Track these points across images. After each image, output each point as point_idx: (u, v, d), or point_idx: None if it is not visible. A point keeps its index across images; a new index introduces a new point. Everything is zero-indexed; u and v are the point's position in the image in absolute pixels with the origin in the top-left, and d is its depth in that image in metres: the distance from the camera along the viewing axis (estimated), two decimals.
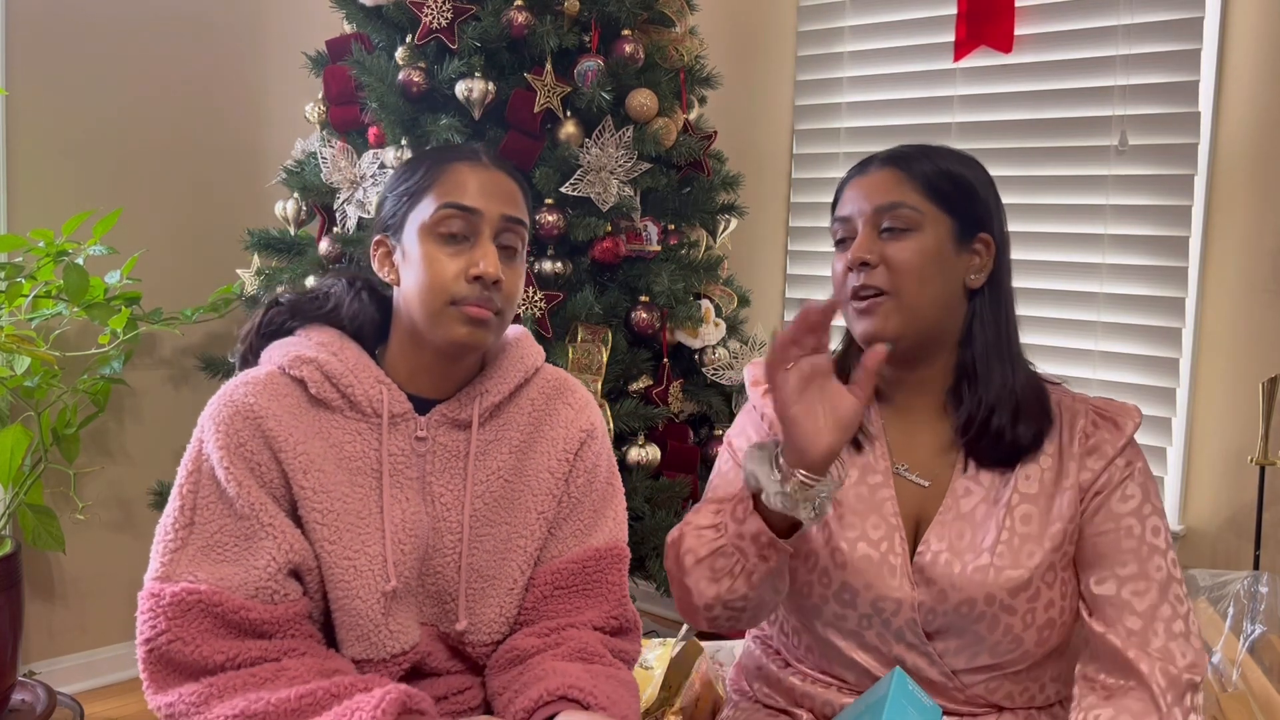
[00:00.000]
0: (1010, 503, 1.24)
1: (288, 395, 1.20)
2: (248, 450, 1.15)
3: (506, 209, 1.20)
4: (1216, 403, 2.32)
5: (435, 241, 1.18)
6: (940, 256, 1.24)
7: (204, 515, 1.15)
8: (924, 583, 1.24)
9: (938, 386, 1.30)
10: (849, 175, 1.31)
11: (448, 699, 1.26)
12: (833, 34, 2.89)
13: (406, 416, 1.23)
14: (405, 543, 1.20)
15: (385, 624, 1.19)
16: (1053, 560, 1.23)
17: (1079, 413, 1.28)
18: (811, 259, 2.97)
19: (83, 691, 2.58)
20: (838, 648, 1.29)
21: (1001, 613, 1.22)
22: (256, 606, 1.12)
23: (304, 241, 2.47)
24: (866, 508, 1.28)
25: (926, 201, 1.24)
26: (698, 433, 2.38)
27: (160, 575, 1.12)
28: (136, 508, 2.69)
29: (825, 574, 1.27)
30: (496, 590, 1.25)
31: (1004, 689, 1.27)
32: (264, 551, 1.14)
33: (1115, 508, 1.24)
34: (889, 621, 1.25)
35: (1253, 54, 2.25)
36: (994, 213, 1.29)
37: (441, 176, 1.20)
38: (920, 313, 1.23)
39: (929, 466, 1.30)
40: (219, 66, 2.77)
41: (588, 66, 2.19)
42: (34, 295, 2.24)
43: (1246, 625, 1.91)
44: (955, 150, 1.31)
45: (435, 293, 1.17)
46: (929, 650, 1.25)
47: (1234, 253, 2.29)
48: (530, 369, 1.30)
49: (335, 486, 1.18)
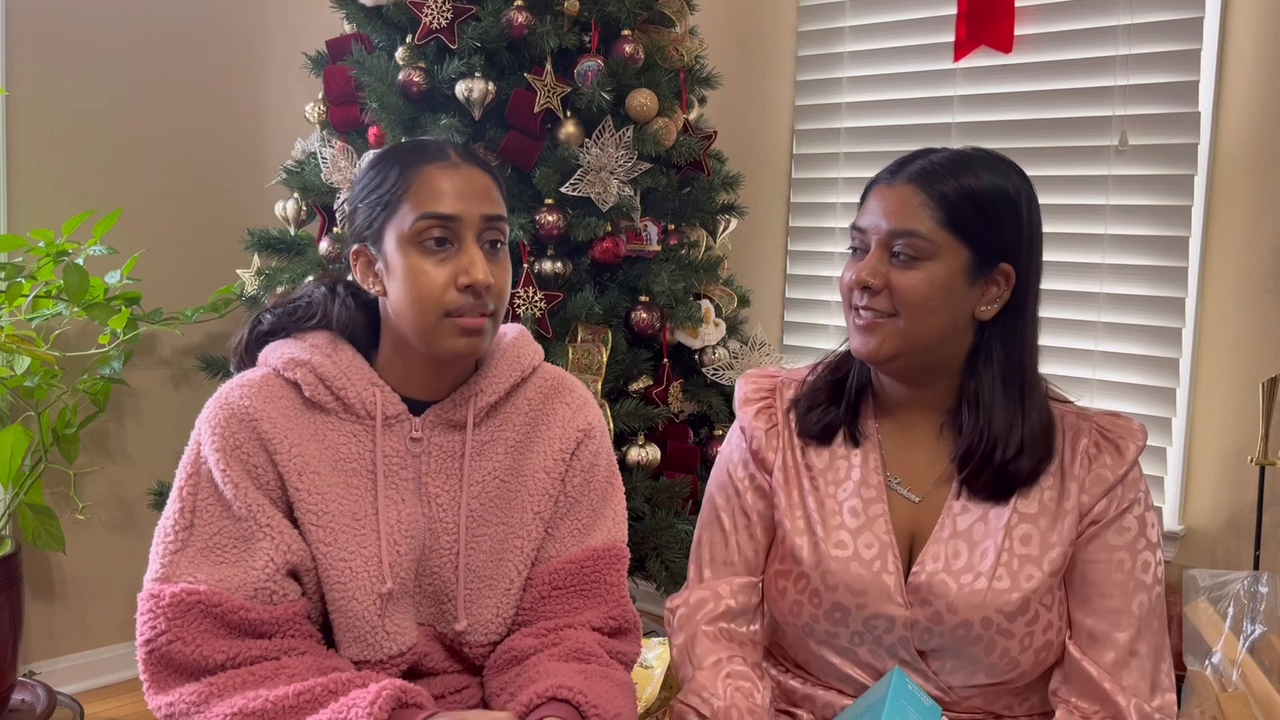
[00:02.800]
0: (1009, 523, 1.22)
1: (283, 397, 1.20)
2: (243, 453, 1.16)
3: (485, 208, 1.18)
4: (1216, 403, 2.32)
5: (418, 252, 1.16)
6: (949, 288, 1.20)
7: (203, 517, 1.15)
8: (919, 602, 1.22)
9: (938, 407, 1.28)
10: (878, 178, 1.26)
11: (445, 698, 1.26)
12: (833, 34, 2.89)
13: (401, 418, 1.22)
14: (401, 544, 1.20)
15: (381, 625, 1.19)
16: (1051, 584, 1.21)
17: (1082, 431, 1.26)
18: (811, 259, 2.97)
19: (83, 691, 2.58)
20: (833, 664, 1.28)
21: (999, 636, 1.20)
22: (256, 607, 1.12)
23: (304, 241, 2.47)
24: (859, 524, 1.26)
25: (943, 231, 1.19)
26: (698, 433, 2.38)
27: (160, 576, 1.13)
28: (136, 508, 2.69)
29: (815, 594, 1.26)
30: (494, 591, 1.24)
31: (1003, 700, 1.27)
32: (262, 552, 1.14)
33: (1110, 540, 1.22)
34: (881, 639, 1.24)
35: (1253, 54, 2.25)
36: (1023, 238, 1.24)
37: (414, 183, 1.17)
38: (921, 340, 1.21)
39: (922, 483, 1.28)
40: (219, 66, 2.77)
41: (588, 66, 2.19)
42: (34, 295, 2.24)
43: (1246, 625, 1.91)
44: (995, 159, 1.24)
45: (427, 307, 1.16)
46: (922, 667, 1.24)
47: (1234, 252, 2.29)
48: (528, 368, 1.29)
49: (330, 489, 1.18)
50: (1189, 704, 1.87)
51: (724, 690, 1.25)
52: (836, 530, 1.27)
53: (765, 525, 1.34)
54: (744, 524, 1.34)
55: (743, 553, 1.34)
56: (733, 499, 1.35)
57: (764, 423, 1.35)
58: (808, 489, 1.30)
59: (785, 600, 1.29)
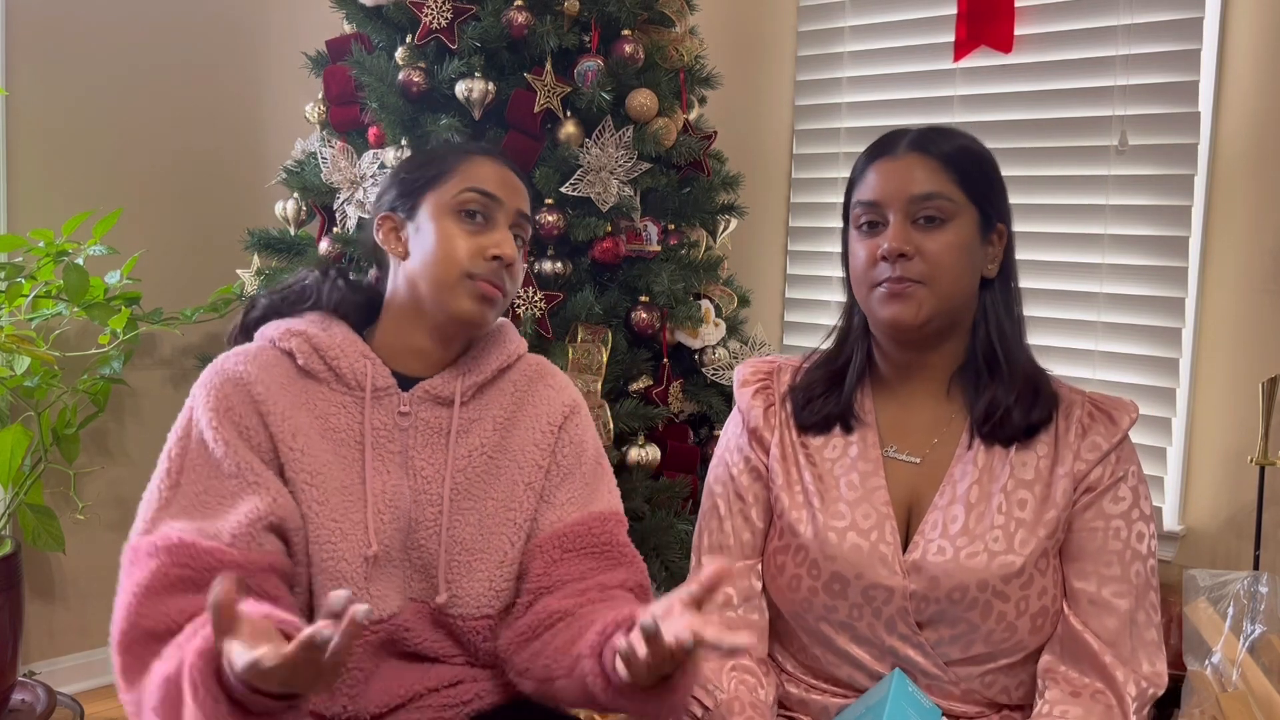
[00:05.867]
0: (1006, 488, 1.25)
1: (277, 366, 1.24)
2: (236, 414, 1.19)
3: (521, 204, 1.29)
4: (1216, 403, 2.32)
5: (454, 219, 1.25)
6: (971, 247, 1.25)
7: (190, 476, 1.18)
8: (915, 571, 1.23)
9: (943, 371, 1.31)
10: (872, 155, 1.29)
11: (439, 691, 1.26)
12: (833, 34, 2.89)
13: (390, 391, 1.26)
14: (385, 513, 1.23)
15: (366, 589, 1.21)
16: (1046, 547, 1.23)
17: (1075, 403, 1.29)
18: (811, 259, 2.97)
19: (83, 691, 2.58)
20: (831, 641, 1.28)
21: (995, 599, 1.21)
22: (230, 552, 1.12)
23: (304, 241, 2.47)
24: (857, 496, 1.28)
25: (959, 190, 1.24)
26: (698, 433, 2.38)
27: (142, 531, 1.15)
28: (136, 508, 2.69)
29: (814, 566, 1.27)
30: (484, 564, 1.26)
31: (999, 683, 1.27)
32: (248, 503, 1.15)
33: (1106, 508, 1.24)
34: (879, 611, 1.25)
35: (1253, 54, 2.25)
36: (1006, 200, 1.31)
37: (466, 164, 1.27)
38: (951, 301, 1.24)
39: (920, 445, 1.30)
40: (219, 66, 2.77)
41: (588, 66, 2.19)
42: (34, 295, 2.24)
43: (1246, 625, 1.91)
44: (964, 132, 1.31)
45: (450, 264, 1.23)
46: (921, 641, 1.24)
47: (1234, 253, 2.29)
48: (513, 354, 1.34)
49: (321, 454, 1.21)
50: (1189, 704, 1.86)
51: (728, 682, 1.26)
52: (834, 503, 1.28)
53: (762, 509, 1.35)
54: (739, 508, 1.35)
55: (738, 537, 1.35)
56: (728, 485, 1.37)
57: (761, 402, 1.37)
58: (804, 464, 1.32)
59: (784, 575, 1.30)
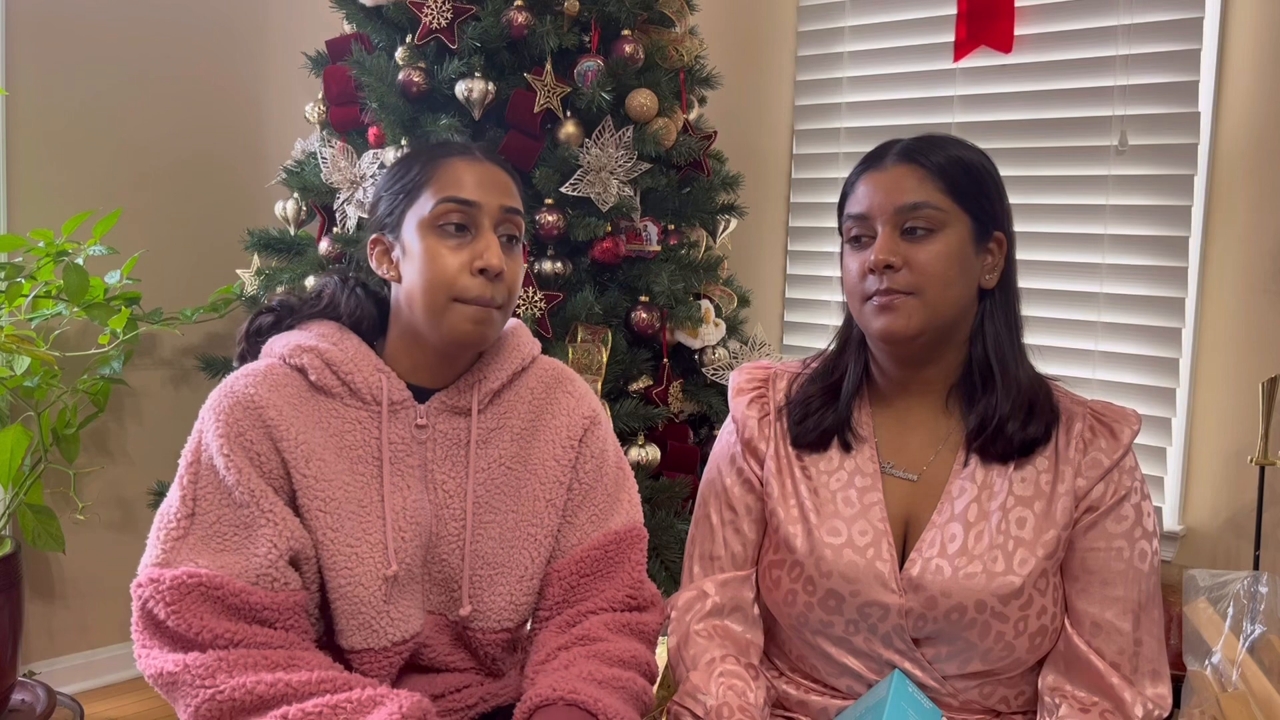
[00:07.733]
0: (1005, 505, 1.23)
1: (287, 385, 1.20)
2: (247, 440, 1.16)
3: (504, 200, 1.22)
4: (1216, 403, 2.32)
5: (436, 236, 1.19)
6: (962, 257, 1.22)
7: (204, 505, 1.14)
8: (912, 589, 1.22)
9: (941, 385, 1.29)
10: (861, 168, 1.28)
11: (445, 697, 1.26)
12: (833, 34, 2.89)
13: (406, 404, 1.24)
14: (406, 529, 1.21)
15: (386, 611, 1.19)
16: (1046, 567, 1.22)
17: (1076, 415, 1.27)
18: (811, 259, 2.97)
19: (83, 691, 2.58)
20: (828, 654, 1.28)
21: (993, 620, 1.20)
22: (258, 592, 1.12)
23: (304, 241, 2.47)
24: (854, 513, 1.26)
25: (948, 199, 1.22)
26: (698, 433, 2.38)
27: (160, 561, 1.11)
28: (136, 508, 2.69)
29: (810, 581, 1.26)
30: (506, 578, 1.25)
31: (999, 693, 1.26)
32: (264, 538, 1.13)
33: (1109, 528, 1.23)
34: (875, 627, 1.24)
35: (1253, 54, 2.25)
36: (1005, 208, 1.28)
37: (437, 172, 1.21)
38: (942, 313, 1.22)
39: (917, 461, 1.28)
40: (219, 66, 2.77)
41: (588, 66, 2.19)
42: (34, 295, 2.24)
43: (1246, 625, 1.91)
44: (962, 140, 1.28)
45: (439, 288, 1.18)
46: (918, 656, 1.24)
47: (1234, 253, 2.29)
48: (527, 357, 1.31)
49: (336, 475, 1.19)
50: (1189, 704, 1.86)
51: (716, 689, 1.25)
52: (830, 518, 1.27)
53: (754, 519, 1.34)
54: (730, 519, 1.35)
55: (729, 548, 1.34)
56: (720, 495, 1.36)
57: (756, 412, 1.36)
58: (800, 478, 1.31)
59: (780, 590, 1.29)
